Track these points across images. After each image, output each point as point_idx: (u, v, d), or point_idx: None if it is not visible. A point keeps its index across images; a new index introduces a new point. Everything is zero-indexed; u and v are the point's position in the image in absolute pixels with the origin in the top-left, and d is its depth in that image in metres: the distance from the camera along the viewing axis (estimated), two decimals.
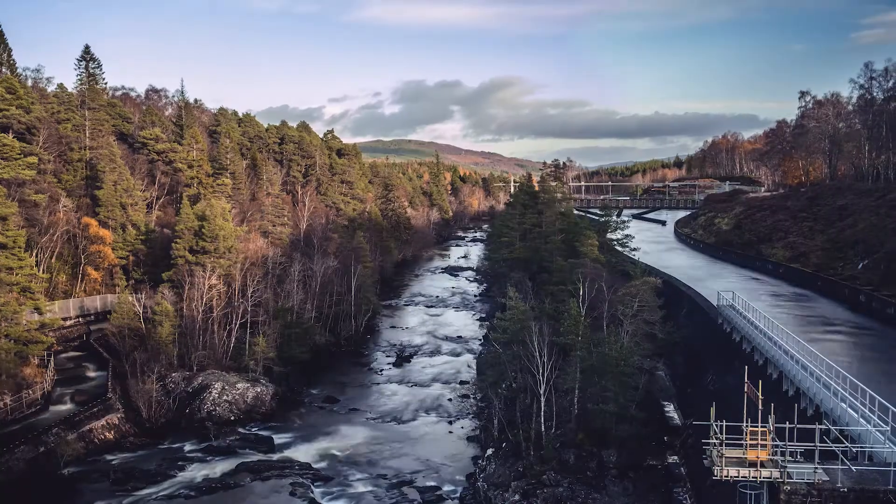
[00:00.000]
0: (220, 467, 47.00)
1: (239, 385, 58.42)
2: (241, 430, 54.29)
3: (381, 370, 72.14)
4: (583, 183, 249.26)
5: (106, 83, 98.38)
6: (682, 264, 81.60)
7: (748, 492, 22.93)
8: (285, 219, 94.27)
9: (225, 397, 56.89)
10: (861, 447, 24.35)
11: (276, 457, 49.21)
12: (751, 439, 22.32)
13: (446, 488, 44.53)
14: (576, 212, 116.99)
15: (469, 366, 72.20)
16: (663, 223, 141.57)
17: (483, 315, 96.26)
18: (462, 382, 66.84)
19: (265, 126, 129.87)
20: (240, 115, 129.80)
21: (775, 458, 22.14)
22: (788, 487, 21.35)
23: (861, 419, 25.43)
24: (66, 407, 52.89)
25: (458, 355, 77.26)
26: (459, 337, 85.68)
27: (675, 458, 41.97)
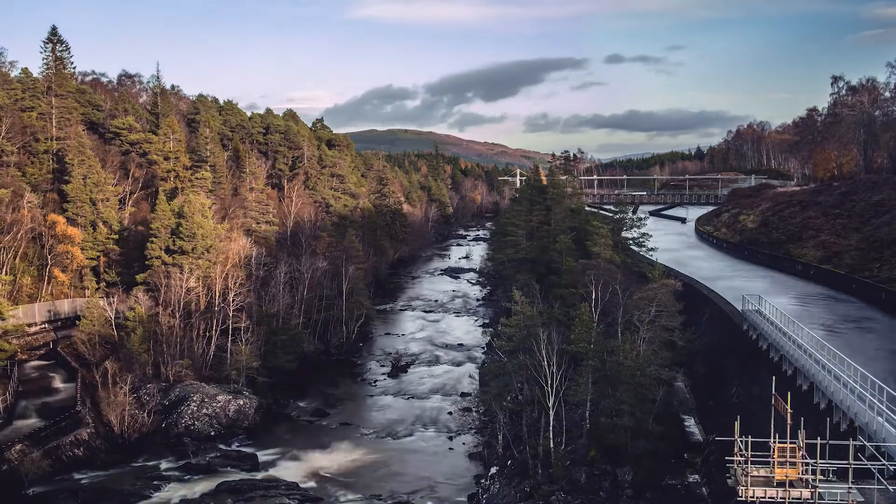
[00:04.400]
0: (199, 487, 47.02)
1: (220, 397, 58.44)
2: (221, 446, 54.32)
3: (375, 381, 72.18)
4: (595, 177, 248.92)
5: (74, 68, 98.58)
6: (703, 266, 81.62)
7: None
8: (270, 216, 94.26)
9: (204, 410, 56.91)
10: None
11: (260, 475, 49.24)
12: (779, 456, 22.27)
13: None
14: (588, 208, 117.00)
15: (471, 376, 72.25)
16: (683, 220, 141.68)
17: (486, 321, 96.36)
18: (463, 394, 66.91)
19: (248, 115, 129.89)
20: (220, 102, 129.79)
21: (805, 476, 22.10)
22: None
23: None
24: (31, 421, 52.92)
25: (459, 365, 77.32)
26: (460, 345, 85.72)
27: (696, 476, 41.98)
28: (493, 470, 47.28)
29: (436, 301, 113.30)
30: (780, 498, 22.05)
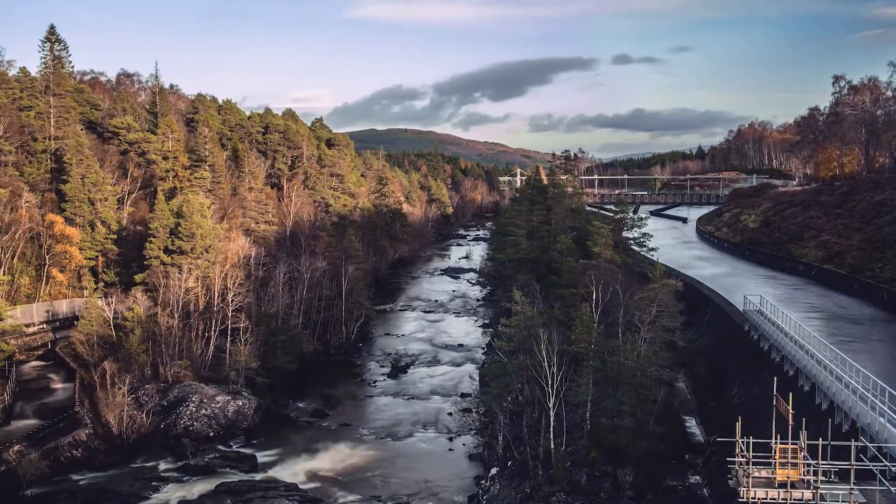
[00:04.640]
0: (197, 488, 47.01)
1: (219, 398, 58.43)
2: (220, 447, 54.30)
3: (375, 381, 72.18)
4: (596, 176, 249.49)
5: (73, 67, 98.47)
6: (705, 267, 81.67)
7: None
8: (269, 215, 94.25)
9: (203, 411, 56.90)
10: None
11: (259, 476, 49.24)
12: (780, 457, 22.28)
13: None
14: (588, 208, 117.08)
15: (471, 377, 72.25)
16: (684, 220, 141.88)
17: (486, 321, 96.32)
18: (463, 395, 66.90)
19: (248, 114, 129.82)
20: (219, 101, 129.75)
21: (807, 477, 22.11)
22: None
23: None
24: (29, 422, 52.93)
25: (459, 365, 77.31)
26: (460, 345, 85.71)
27: (697, 477, 41.98)
28: (494, 471, 47.28)
29: (436, 301, 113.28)
30: (782, 499, 22.05)
